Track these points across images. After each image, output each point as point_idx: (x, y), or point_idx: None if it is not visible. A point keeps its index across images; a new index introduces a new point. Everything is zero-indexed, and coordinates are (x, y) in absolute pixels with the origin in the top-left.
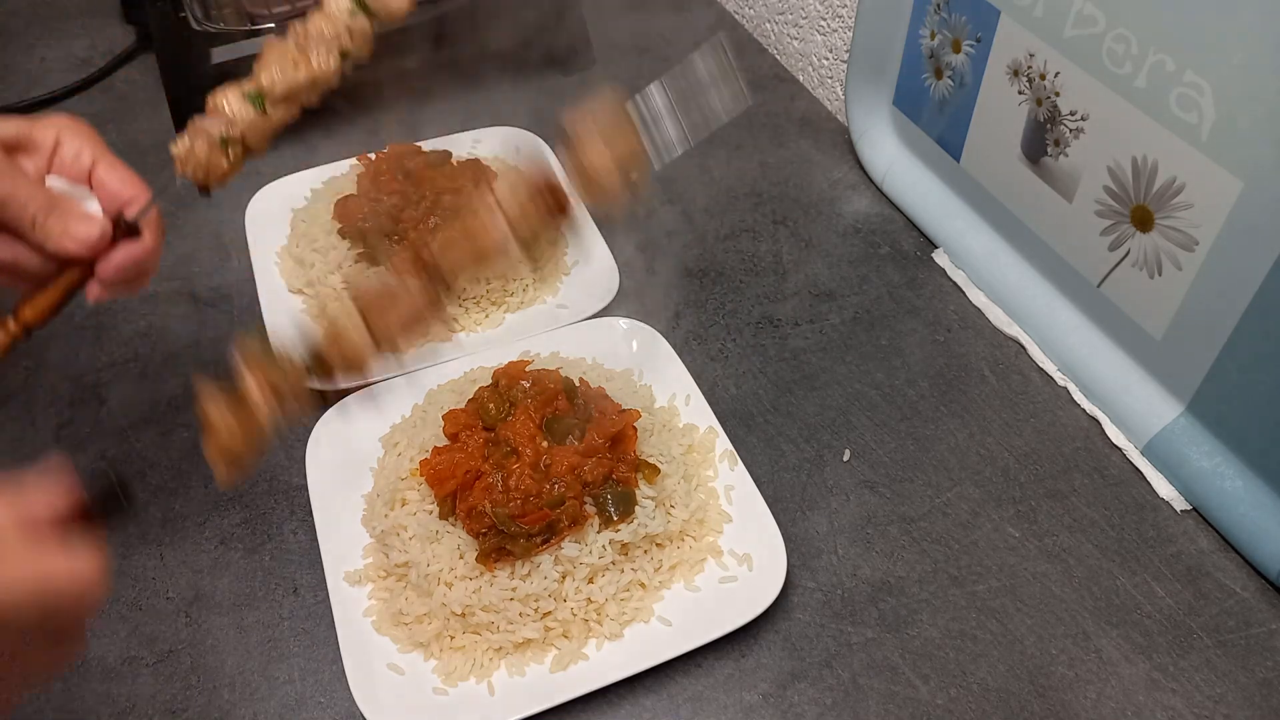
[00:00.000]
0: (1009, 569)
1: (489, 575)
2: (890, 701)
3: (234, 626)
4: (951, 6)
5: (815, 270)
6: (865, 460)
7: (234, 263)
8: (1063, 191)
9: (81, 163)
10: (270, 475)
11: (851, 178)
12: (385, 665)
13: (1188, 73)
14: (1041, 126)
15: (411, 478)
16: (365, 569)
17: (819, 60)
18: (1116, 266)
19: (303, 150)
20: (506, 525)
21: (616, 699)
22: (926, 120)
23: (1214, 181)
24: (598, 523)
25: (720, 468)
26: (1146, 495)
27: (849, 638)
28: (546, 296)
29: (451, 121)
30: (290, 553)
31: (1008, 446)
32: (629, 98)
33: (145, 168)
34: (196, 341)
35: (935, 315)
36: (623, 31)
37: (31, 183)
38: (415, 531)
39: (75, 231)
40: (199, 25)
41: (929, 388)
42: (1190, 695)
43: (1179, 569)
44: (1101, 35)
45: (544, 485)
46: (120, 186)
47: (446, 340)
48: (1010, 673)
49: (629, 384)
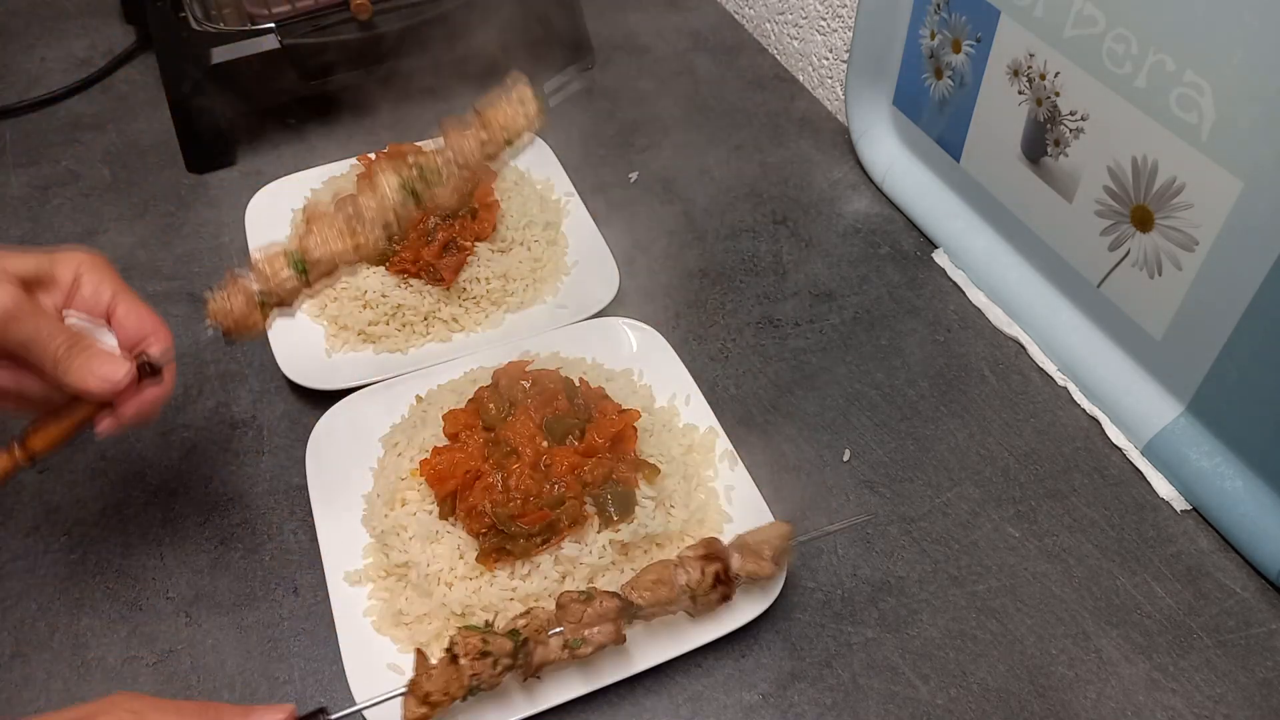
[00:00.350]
0: (1009, 569)
1: (489, 575)
2: (890, 701)
3: (234, 626)
4: (951, 6)
5: (815, 270)
6: (865, 460)
7: (234, 263)
8: (1063, 191)
9: (100, 299)
10: (270, 475)
11: (851, 178)
12: (385, 665)
13: (1188, 73)
14: (1041, 126)
15: (411, 478)
16: (365, 569)
17: (819, 60)
18: (1116, 266)
19: (303, 150)
20: (506, 525)
21: (616, 699)
22: (926, 120)
23: (1214, 181)
24: (598, 523)
25: (720, 468)
26: (1146, 495)
27: (849, 638)
28: (546, 296)
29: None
30: (290, 553)
31: (1008, 446)
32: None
33: (145, 168)
34: (196, 341)
35: (935, 315)
36: (623, 31)
37: (54, 321)
38: (415, 531)
39: (100, 372)
40: (199, 25)
41: (929, 388)
42: (1190, 695)
43: (1179, 569)
44: (1101, 35)
45: (544, 485)
46: (139, 324)
47: (446, 340)
48: (1010, 673)
49: (629, 384)
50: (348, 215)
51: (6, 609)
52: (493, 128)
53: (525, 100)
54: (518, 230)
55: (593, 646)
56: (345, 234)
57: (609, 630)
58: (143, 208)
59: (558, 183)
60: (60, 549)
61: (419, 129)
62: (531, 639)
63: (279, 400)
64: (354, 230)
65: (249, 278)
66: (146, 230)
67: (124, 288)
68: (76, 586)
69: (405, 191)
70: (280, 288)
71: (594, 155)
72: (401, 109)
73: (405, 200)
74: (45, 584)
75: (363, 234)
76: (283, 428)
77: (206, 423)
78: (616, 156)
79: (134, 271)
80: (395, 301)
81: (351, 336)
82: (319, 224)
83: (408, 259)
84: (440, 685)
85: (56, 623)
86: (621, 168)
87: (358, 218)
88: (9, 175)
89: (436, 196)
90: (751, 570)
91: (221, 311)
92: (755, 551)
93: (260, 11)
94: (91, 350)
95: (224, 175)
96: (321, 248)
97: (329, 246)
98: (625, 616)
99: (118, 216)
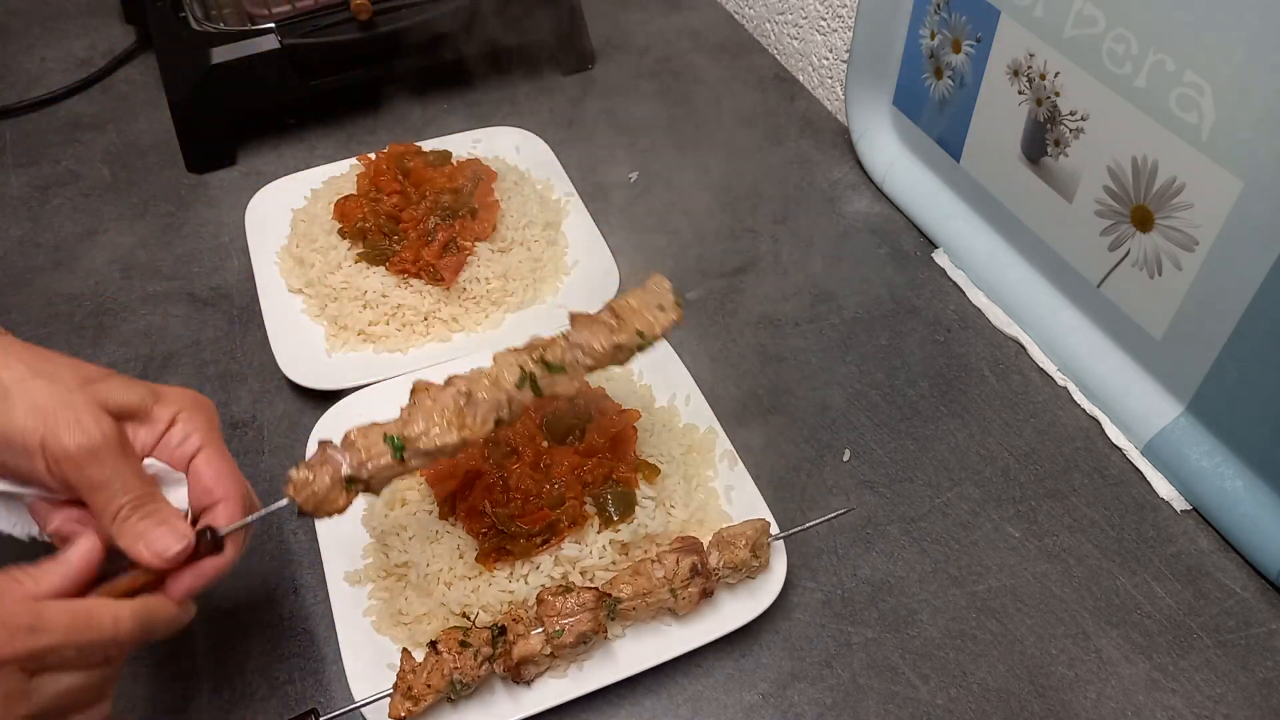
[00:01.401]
0: (1009, 569)
1: (488, 575)
2: (890, 701)
3: (234, 626)
4: (951, 6)
5: (815, 270)
6: (865, 460)
7: (234, 263)
8: (1063, 191)
9: (186, 447)
10: (270, 475)
11: (851, 178)
12: (386, 665)
13: (1188, 73)
14: (1041, 126)
15: (411, 478)
16: (365, 569)
17: (819, 60)
18: (1116, 266)
19: (303, 150)
20: (506, 525)
21: (617, 699)
22: (926, 120)
23: (1214, 181)
24: (598, 523)
25: (720, 468)
26: (1146, 495)
27: (849, 638)
28: (546, 296)
29: (451, 121)
30: (290, 553)
31: (1008, 446)
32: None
33: (145, 168)
34: (196, 341)
35: (935, 315)
36: (623, 31)
37: (132, 469)
38: (415, 532)
39: (155, 546)
40: (199, 25)
41: (929, 388)
42: (1190, 695)
43: (1179, 569)
44: (1101, 35)
45: (544, 485)
46: (216, 482)
47: (446, 340)
48: (1010, 673)
49: (629, 384)
50: (459, 400)
51: None
52: (627, 326)
53: (665, 302)
54: (518, 230)
55: (573, 636)
56: (454, 422)
57: (587, 620)
58: (143, 208)
59: (558, 183)
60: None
61: (419, 129)
62: (510, 629)
63: (279, 400)
64: (463, 417)
65: (340, 453)
66: (146, 230)
67: (215, 438)
68: None
69: (525, 381)
70: (374, 469)
71: (594, 155)
72: (401, 109)
73: (523, 390)
74: None
75: (472, 424)
76: (283, 428)
77: None
78: (616, 156)
79: (134, 271)
80: (395, 301)
81: (351, 336)
82: (425, 404)
83: (408, 259)
84: (423, 679)
85: None
86: (621, 168)
87: (470, 404)
88: (9, 175)
89: (557, 387)
90: (729, 560)
91: (303, 485)
92: (730, 543)
93: (260, 11)
94: (154, 518)
95: (224, 175)
96: (425, 438)
97: (434, 437)
98: (604, 607)
99: (118, 216)
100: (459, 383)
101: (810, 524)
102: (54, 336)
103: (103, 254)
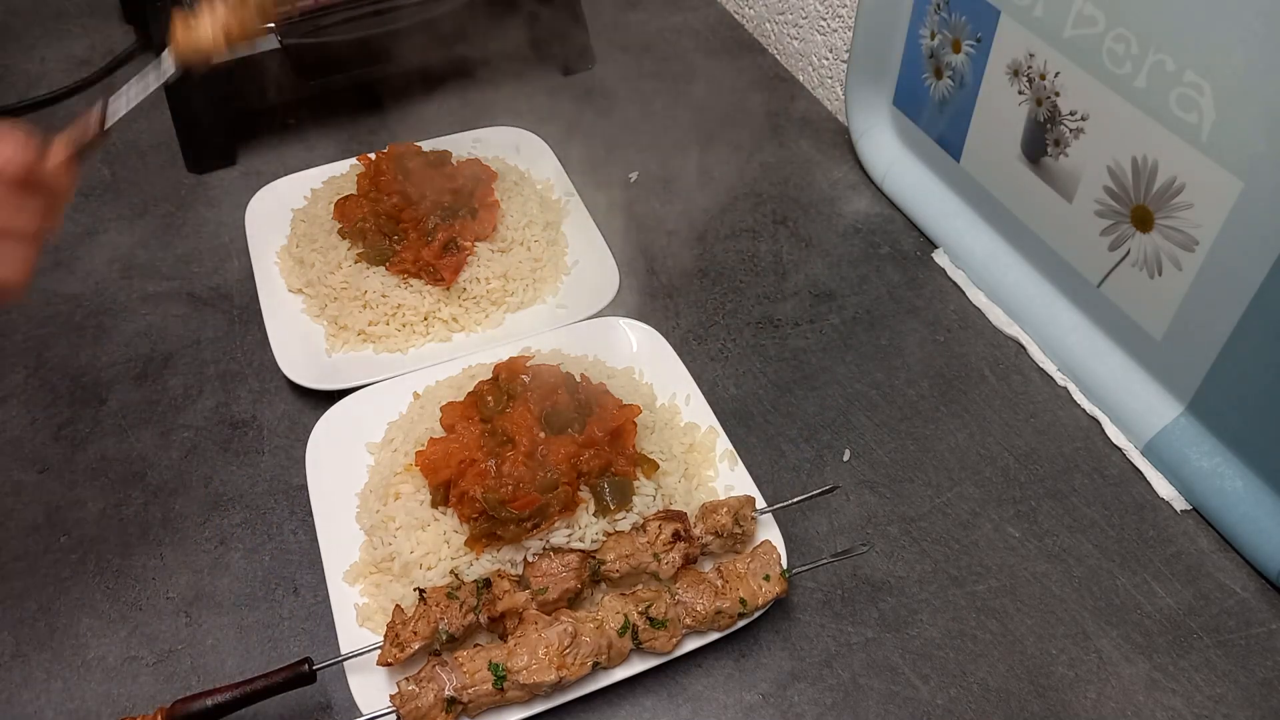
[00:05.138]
0: (1009, 569)
1: (474, 558)
2: (890, 701)
3: (234, 626)
4: (951, 6)
5: (815, 270)
6: (865, 460)
7: (234, 263)
8: (1063, 191)
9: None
10: (270, 475)
11: (851, 178)
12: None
13: (1188, 73)
14: (1041, 126)
15: (406, 472)
16: (358, 565)
17: (819, 60)
18: (1116, 266)
19: (303, 150)
20: (496, 510)
21: (616, 699)
22: (926, 120)
23: (1214, 181)
24: (592, 506)
25: (720, 468)
26: (1146, 495)
27: (849, 638)
28: (546, 296)
29: (451, 121)
30: (290, 553)
31: (1008, 446)
32: None
33: (145, 168)
34: (196, 341)
35: (935, 315)
36: (623, 31)
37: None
38: (403, 521)
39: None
40: None
41: (929, 388)
42: (1190, 695)
43: (1179, 569)
44: (1101, 35)
45: (537, 472)
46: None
47: (446, 340)
48: (1010, 673)
49: (630, 382)
50: (564, 639)
51: (6, 609)
52: (732, 591)
53: (773, 573)
54: (518, 230)
55: (557, 593)
56: (555, 661)
57: (570, 578)
58: (143, 208)
59: (558, 183)
60: (60, 549)
61: (419, 129)
62: (496, 584)
63: (279, 400)
64: (564, 656)
65: (447, 672)
66: (146, 230)
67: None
68: (76, 586)
69: (627, 629)
70: (474, 695)
71: (594, 155)
72: (401, 109)
73: (623, 638)
74: (45, 584)
75: (571, 664)
76: (283, 428)
77: (206, 423)
78: (616, 156)
79: (134, 271)
80: (395, 301)
81: (351, 336)
82: (532, 642)
83: (408, 259)
84: (410, 626)
85: (56, 623)
86: (621, 168)
87: (573, 645)
88: None
89: (656, 642)
90: (711, 526)
91: (409, 698)
92: (713, 511)
93: None
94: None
95: (224, 175)
96: (526, 672)
97: (534, 673)
98: (588, 568)
99: (118, 216)
100: (566, 621)
101: (795, 500)
102: (54, 336)
103: (102, 254)
